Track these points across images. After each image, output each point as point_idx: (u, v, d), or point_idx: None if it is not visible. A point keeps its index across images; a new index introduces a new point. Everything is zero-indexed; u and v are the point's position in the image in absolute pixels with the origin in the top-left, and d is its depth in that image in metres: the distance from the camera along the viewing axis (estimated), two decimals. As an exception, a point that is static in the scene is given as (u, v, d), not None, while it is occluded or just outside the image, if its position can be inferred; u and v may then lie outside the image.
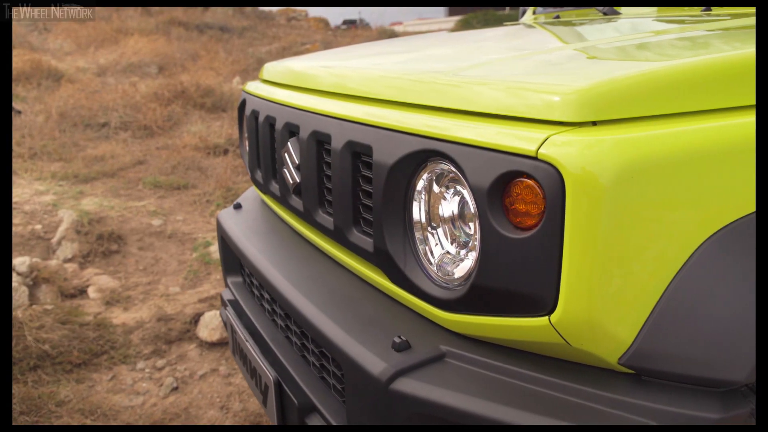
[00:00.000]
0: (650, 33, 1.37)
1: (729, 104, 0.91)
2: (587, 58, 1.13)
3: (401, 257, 1.13)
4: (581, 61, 1.10)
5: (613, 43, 1.26)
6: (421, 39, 2.03)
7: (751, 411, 0.87)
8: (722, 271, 0.87)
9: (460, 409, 0.96)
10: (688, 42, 1.17)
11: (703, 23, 1.44)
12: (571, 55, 1.16)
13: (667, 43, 1.17)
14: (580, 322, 0.87)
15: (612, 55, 1.13)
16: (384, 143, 1.12)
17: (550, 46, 1.33)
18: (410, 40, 2.06)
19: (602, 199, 0.82)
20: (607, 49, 1.19)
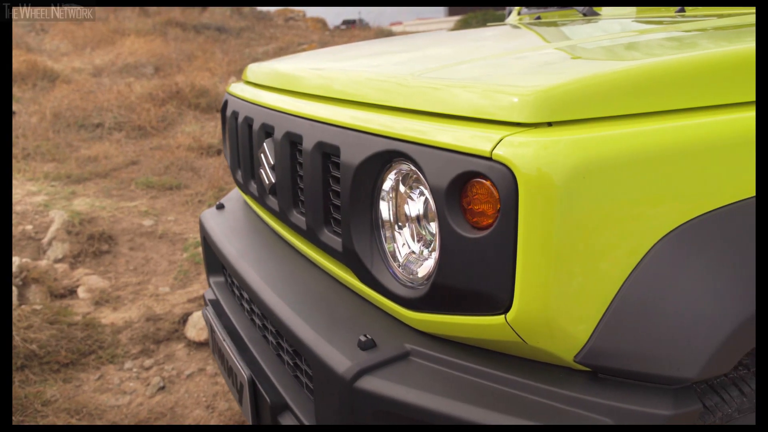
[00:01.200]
0: (621, 34, 1.38)
1: (684, 105, 0.92)
2: (551, 59, 1.14)
3: (368, 257, 1.14)
4: (544, 62, 1.11)
5: (581, 44, 1.27)
6: (401, 40, 2.04)
7: (701, 409, 0.88)
8: (676, 270, 0.88)
9: (422, 407, 0.97)
10: (653, 44, 1.18)
11: (674, 24, 1.45)
12: (536, 57, 1.17)
13: (632, 45, 1.18)
14: (535, 321, 0.88)
15: (575, 57, 1.14)
16: (351, 144, 1.13)
17: (520, 47, 1.34)
18: (391, 41, 2.08)
19: (555, 199, 0.83)
20: (572, 51, 1.20)
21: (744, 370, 1.05)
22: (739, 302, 0.87)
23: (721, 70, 0.94)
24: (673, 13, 1.65)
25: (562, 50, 1.22)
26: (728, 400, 1.01)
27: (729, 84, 0.94)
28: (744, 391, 1.02)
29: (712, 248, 0.89)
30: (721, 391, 1.02)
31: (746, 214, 0.90)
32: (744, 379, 1.03)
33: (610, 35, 1.36)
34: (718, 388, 1.02)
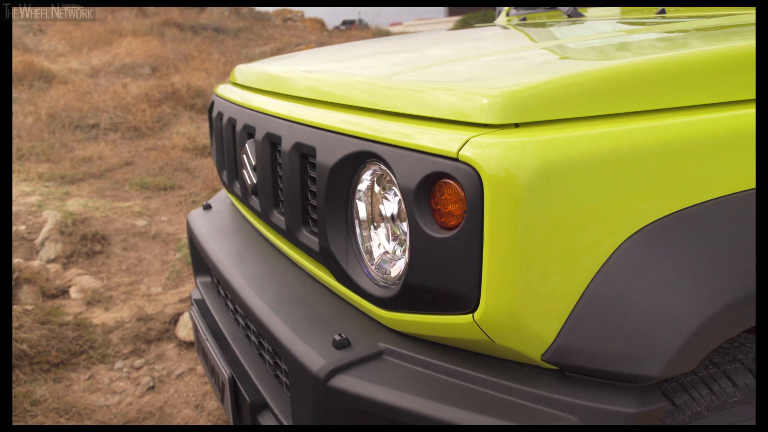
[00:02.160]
0: (597, 36, 1.39)
1: (649, 107, 0.93)
2: (523, 61, 1.15)
3: (344, 256, 1.15)
4: (515, 64, 1.12)
5: (555, 46, 1.28)
6: (388, 41, 2.05)
7: (666, 407, 0.89)
8: (641, 270, 0.89)
9: (393, 405, 0.98)
10: (622, 46, 1.19)
11: (651, 26, 1.46)
12: (508, 58, 1.18)
13: (603, 47, 1.19)
14: (502, 320, 0.89)
15: (546, 58, 1.15)
16: (326, 145, 1.14)
17: (495, 49, 1.35)
18: (378, 42, 2.08)
19: (520, 200, 0.84)
20: (544, 52, 1.21)
21: (714, 368, 1.06)
22: (702, 301, 0.88)
23: (687, 72, 0.95)
24: (654, 14, 1.66)
25: (535, 52, 1.23)
26: (697, 398, 1.02)
27: (695, 86, 0.95)
28: (713, 390, 1.03)
29: (676, 249, 0.89)
30: (691, 390, 1.03)
31: (710, 215, 0.91)
32: (714, 378, 1.04)
33: (587, 37, 1.37)
34: (688, 386, 1.03)
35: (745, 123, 0.94)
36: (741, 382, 1.03)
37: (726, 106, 0.95)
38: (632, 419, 0.87)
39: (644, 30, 1.41)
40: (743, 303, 0.90)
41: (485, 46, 1.44)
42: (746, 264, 0.90)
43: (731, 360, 1.07)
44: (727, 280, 0.89)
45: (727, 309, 0.88)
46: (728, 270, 0.90)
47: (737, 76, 0.98)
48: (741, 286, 0.89)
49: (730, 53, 1.00)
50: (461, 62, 1.18)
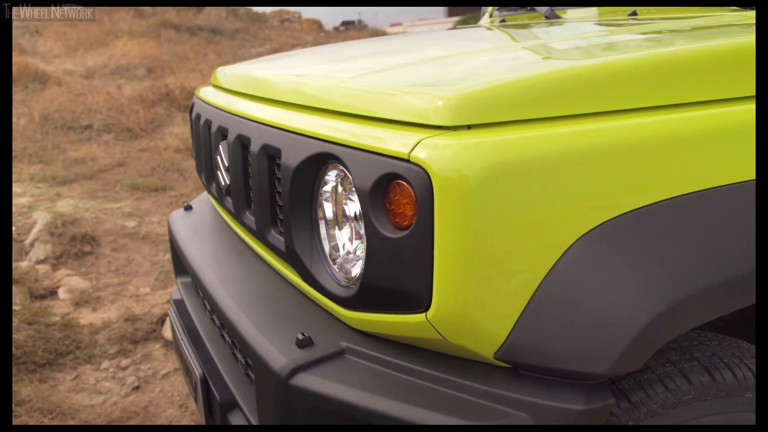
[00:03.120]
0: (564, 37, 1.40)
1: (598, 109, 0.94)
2: (483, 63, 1.17)
3: (308, 256, 1.17)
4: (477, 65, 1.14)
5: (518, 47, 1.29)
6: (370, 42, 2.06)
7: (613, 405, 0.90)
8: (591, 269, 0.90)
9: (351, 403, 0.99)
10: (582, 47, 1.20)
11: (619, 27, 1.48)
12: (470, 60, 1.19)
13: (567, 48, 1.21)
14: (454, 318, 0.90)
15: (508, 60, 1.16)
16: (290, 146, 1.16)
17: (463, 50, 1.37)
18: (360, 43, 2.10)
19: (469, 201, 0.85)
20: (505, 54, 1.22)
21: (671, 366, 1.07)
22: (649, 300, 0.89)
23: (639, 75, 0.97)
24: (626, 15, 1.67)
25: (498, 54, 1.24)
26: (653, 396, 1.03)
27: (648, 88, 0.96)
28: (669, 388, 1.04)
29: (625, 249, 0.91)
30: (647, 388, 1.04)
31: (660, 216, 0.92)
32: (670, 376, 1.05)
33: (554, 38, 1.38)
34: (644, 384, 1.05)
35: (695, 125, 0.95)
36: (696, 380, 1.05)
37: (678, 108, 0.97)
38: (580, 416, 0.88)
39: (610, 32, 1.42)
40: (691, 301, 0.91)
41: (453, 47, 1.45)
42: (694, 263, 0.92)
43: (688, 358, 1.09)
44: (674, 279, 0.91)
45: (674, 307, 0.89)
46: (676, 269, 0.91)
47: (692, 79, 1.00)
48: (688, 284, 0.91)
49: (685, 55, 1.01)
50: (424, 64, 1.19)
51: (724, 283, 0.93)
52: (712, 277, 0.92)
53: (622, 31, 1.38)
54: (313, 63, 1.58)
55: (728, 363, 1.08)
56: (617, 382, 1.05)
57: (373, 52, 1.63)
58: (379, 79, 1.10)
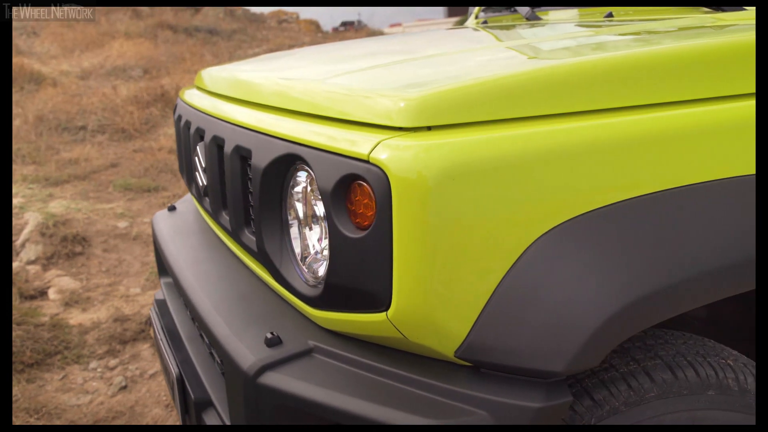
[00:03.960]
0: (539, 39, 1.42)
1: (559, 110, 0.96)
2: (450, 64, 1.18)
3: (278, 256, 1.18)
4: (442, 67, 1.15)
5: (490, 49, 1.31)
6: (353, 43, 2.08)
7: (569, 402, 0.91)
8: (549, 269, 0.91)
9: (316, 401, 1.00)
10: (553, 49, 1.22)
11: (594, 29, 1.49)
12: (438, 62, 1.21)
13: (533, 50, 1.22)
14: (413, 317, 0.92)
15: (473, 62, 1.17)
16: (260, 147, 1.17)
17: (435, 52, 1.38)
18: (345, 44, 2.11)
19: (426, 201, 0.86)
20: (472, 56, 1.24)
21: (635, 365, 1.09)
22: (604, 300, 0.90)
23: (596, 77, 0.98)
24: (602, 17, 1.69)
25: (465, 56, 1.26)
26: (616, 393, 1.04)
27: (603, 90, 0.97)
28: (632, 385, 1.05)
29: (583, 249, 0.92)
30: (610, 386, 1.05)
31: (617, 217, 0.93)
32: (633, 374, 1.07)
33: (526, 40, 1.40)
34: (608, 382, 1.06)
35: (653, 127, 0.96)
36: (659, 378, 1.06)
37: (636, 110, 0.98)
38: (537, 413, 0.89)
39: (581, 34, 1.43)
40: (647, 300, 0.92)
41: (426, 49, 1.46)
42: (651, 263, 0.93)
43: (653, 357, 1.10)
44: (631, 278, 0.92)
45: (630, 306, 0.91)
46: (633, 269, 0.92)
47: (651, 80, 1.01)
48: (645, 284, 0.92)
49: (646, 58, 1.03)
50: (392, 66, 1.21)
51: (681, 283, 0.94)
52: (669, 276, 0.93)
53: (593, 33, 1.39)
54: (291, 65, 1.59)
55: (691, 361, 1.09)
56: (581, 381, 1.07)
57: (352, 54, 1.64)
58: (345, 81, 1.11)
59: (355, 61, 1.41)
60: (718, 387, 1.08)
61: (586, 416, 1.03)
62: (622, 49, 1.09)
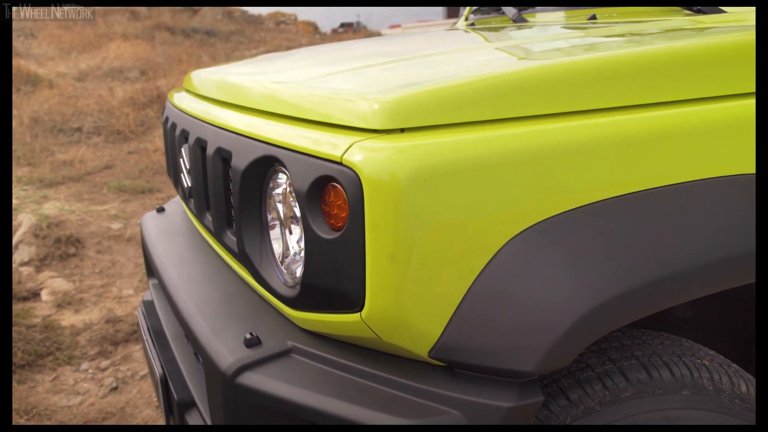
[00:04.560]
0: (518, 41, 1.43)
1: (531, 112, 0.96)
2: (427, 66, 1.19)
3: (257, 258, 1.19)
4: (418, 69, 1.16)
5: (468, 51, 1.32)
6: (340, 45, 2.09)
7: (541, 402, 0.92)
8: (522, 270, 0.92)
9: (293, 401, 1.01)
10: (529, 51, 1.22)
11: (575, 31, 1.50)
12: (414, 64, 1.22)
13: (509, 53, 1.23)
14: (386, 318, 0.93)
15: (450, 64, 1.18)
16: (240, 149, 1.18)
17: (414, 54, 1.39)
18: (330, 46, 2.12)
19: (398, 203, 0.87)
20: (448, 59, 1.25)
21: (610, 364, 1.09)
22: (575, 300, 0.91)
23: (567, 79, 0.99)
24: (585, 19, 1.70)
25: (443, 57, 1.27)
26: (591, 393, 1.05)
27: (574, 92, 0.98)
28: (607, 385, 1.06)
29: (555, 250, 0.93)
30: (586, 386, 1.06)
31: (588, 218, 0.94)
32: (608, 374, 1.07)
33: (505, 42, 1.41)
34: (583, 382, 1.07)
35: (626, 129, 0.97)
36: (634, 378, 1.07)
37: (607, 112, 0.98)
38: (509, 412, 0.90)
39: (560, 36, 1.44)
40: (618, 301, 0.93)
41: (407, 51, 1.47)
42: (622, 264, 0.94)
43: (628, 356, 1.11)
44: (601, 279, 0.92)
45: (601, 307, 0.91)
46: (603, 270, 0.93)
47: (622, 83, 1.01)
48: (616, 285, 0.93)
49: (616, 60, 1.04)
50: (370, 69, 1.22)
51: (652, 283, 0.95)
52: (640, 277, 0.94)
53: (572, 36, 1.40)
54: (275, 67, 1.60)
55: (667, 361, 1.10)
56: (557, 381, 1.07)
57: (335, 57, 1.65)
58: (322, 84, 1.12)
59: (336, 64, 1.42)
60: (692, 386, 1.08)
61: (562, 416, 1.04)
62: (596, 52, 1.10)
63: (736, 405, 1.11)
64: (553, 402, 1.04)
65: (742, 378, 1.14)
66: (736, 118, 1.06)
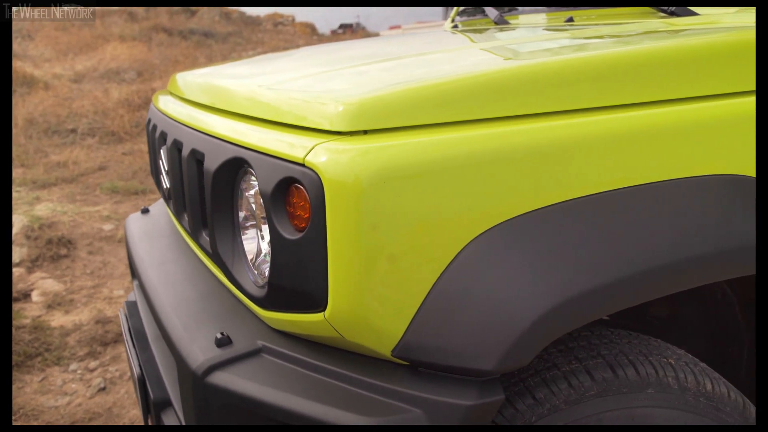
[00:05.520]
0: (490, 43, 1.44)
1: (492, 114, 0.97)
2: (396, 69, 1.20)
3: (230, 258, 1.20)
4: (386, 72, 1.17)
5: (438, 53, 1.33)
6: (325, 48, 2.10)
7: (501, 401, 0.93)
8: (484, 270, 0.93)
9: (261, 400, 1.02)
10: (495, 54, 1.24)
11: (550, 33, 1.51)
12: (386, 67, 1.23)
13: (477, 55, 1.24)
14: (349, 318, 0.94)
15: (418, 66, 1.20)
16: (212, 151, 1.19)
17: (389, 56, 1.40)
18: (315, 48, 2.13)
19: (358, 204, 0.88)
20: (421, 60, 1.26)
21: (577, 363, 1.11)
22: (534, 300, 0.92)
23: (527, 82, 1.00)
24: (563, 22, 1.71)
25: (413, 60, 1.28)
26: (557, 392, 1.06)
27: (538, 94, 0.99)
28: (572, 384, 1.07)
29: (516, 250, 0.94)
30: (551, 384, 1.07)
31: (549, 219, 0.95)
32: (574, 373, 1.09)
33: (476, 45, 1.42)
34: (549, 381, 1.08)
35: (586, 131, 0.98)
36: (599, 377, 1.08)
37: (568, 114, 1.00)
38: (468, 410, 0.91)
39: (533, 38, 1.46)
40: (577, 301, 0.94)
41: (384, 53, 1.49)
42: (579, 265, 0.95)
43: (595, 355, 1.12)
44: (560, 279, 0.93)
45: (559, 306, 0.92)
46: (562, 270, 0.94)
47: (582, 86, 1.02)
48: (574, 285, 0.94)
49: (576, 63, 1.05)
50: (341, 71, 1.23)
51: (610, 284, 0.96)
52: (598, 277, 0.95)
53: (544, 38, 1.42)
54: (252, 69, 1.61)
55: (632, 360, 1.11)
56: (524, 379, 1.09)
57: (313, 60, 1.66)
58: (292, 86, 1.13)
59: (309, 67, 1.44)
60: (657, 385, 1.09)
61: (527, 414, 1.05)
62: (563, 54, 1.12)
63: (701, 403, 1.12)
64: (520, 400, 1.06)
65: (708, 376, 1.15)
66: (704, 120, 1.07)
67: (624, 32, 1.38)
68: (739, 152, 1.10)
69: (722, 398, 1.14)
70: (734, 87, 1.12)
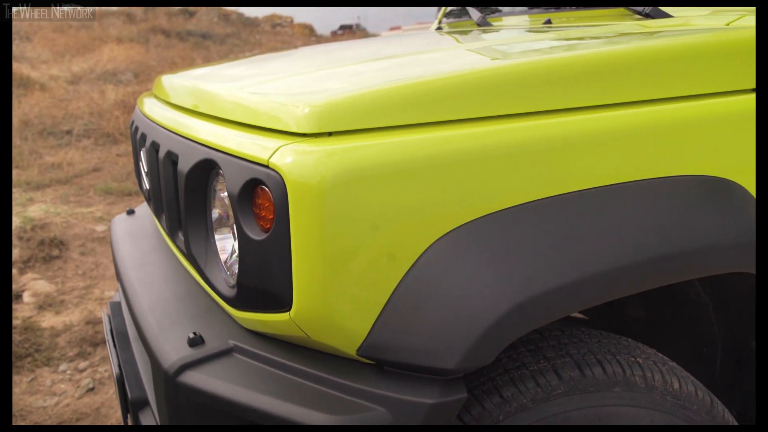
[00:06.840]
0: (463, 45, 1.45)
1: (456, 116, 0.99)
2: (364, 71, 1.21)
3: (203, 258, 1.21)
4: (356, 76, 1.18)
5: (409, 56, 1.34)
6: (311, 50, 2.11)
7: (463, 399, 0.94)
8: (447, 270, 0.94)
9: (230, 399, 1.03)
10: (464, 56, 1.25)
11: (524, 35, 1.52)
12: (357, 70, 1.24)
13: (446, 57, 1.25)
14: (314, 317, 0.95)
15: (386, 68, 1.21)
16: (185, 152, 1.20)
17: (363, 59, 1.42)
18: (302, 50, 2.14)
19: (321, 205, 0.89)
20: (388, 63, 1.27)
21: (545, 362, 1.12)
22: (493, 301, 0.93)
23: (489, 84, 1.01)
24: (542, 24, 1.72)
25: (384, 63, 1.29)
26: (524, 391, 1.07)
27: (499, 97, 1.00)
28: (540, 383, 1.08)
29: (479, 251, 0.95)
30: (519, 383, 1.08)
31: (511, 220, 0.96)
32: (542, 371, 1.10)
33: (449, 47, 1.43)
34: (516, 380, 1.09)
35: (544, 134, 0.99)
36: (566, 376, 1.09)
37: (530, 117, 1.01)
38: (431, 409, 0.92)
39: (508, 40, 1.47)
40: (537, 301, 0.95)
41: (355, 56, 1.50)
42: (541, 265, 0.96)
43: (563, 354, 1.13)
44: (521, 279, 0.95)
45: (520, 306, 0.93)
46: (523, 270, 0.95)
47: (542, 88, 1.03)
48: (535, 285, 0.95)
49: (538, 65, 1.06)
50: (311, 73, 1.24)
51: (570, 284, 0.97)
52: (559, 277, 0.96)
53: (517, 40, 1.43)
54: (231, 71, 1.62)
55: (600, 359, 1.12)
56: (493, 378, 1.10)
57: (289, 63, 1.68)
58: (261, 89, 1.14)
59: (285, 70, 1.45)
60: (624, 384, 1.10)
61: (495, 413, 1.06)
62: (527, 57, 1.13)
63: (667, 402, 1.13)
64: (488, 399, 1.07)
65: (676, 375, 1.16)
66: (673, 121, 1.09)
67: (599, 34, 1.39)
68: (711, 153, 1.11)
69: (689, 397, 1.15)
70: (709, 88, 1.13)
